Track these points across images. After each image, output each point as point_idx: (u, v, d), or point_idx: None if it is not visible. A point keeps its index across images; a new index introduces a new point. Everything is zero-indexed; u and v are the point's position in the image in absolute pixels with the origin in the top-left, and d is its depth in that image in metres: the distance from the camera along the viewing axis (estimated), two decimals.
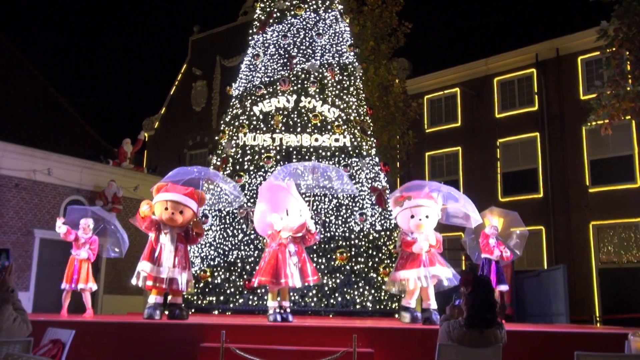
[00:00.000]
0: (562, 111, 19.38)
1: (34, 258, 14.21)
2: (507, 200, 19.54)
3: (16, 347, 3.76)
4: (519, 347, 6.34)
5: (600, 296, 17.55)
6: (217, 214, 12.54)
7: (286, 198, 8.34)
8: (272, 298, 8.36)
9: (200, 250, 12.31)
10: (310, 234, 8.47)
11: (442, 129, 22.27)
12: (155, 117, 28.28)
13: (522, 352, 6.32)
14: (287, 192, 8.41)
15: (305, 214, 8.37)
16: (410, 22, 19.98)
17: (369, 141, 13.44)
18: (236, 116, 13.48)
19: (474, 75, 21.73)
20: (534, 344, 6.91)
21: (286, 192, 8.41)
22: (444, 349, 4.84)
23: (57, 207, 14.80)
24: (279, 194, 8.41)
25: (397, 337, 7.07)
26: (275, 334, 7.18)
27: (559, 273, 12.68)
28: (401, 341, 6.98)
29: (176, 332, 7.21)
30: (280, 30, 13.88)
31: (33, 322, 4.75)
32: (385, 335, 7.06)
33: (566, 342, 6.94)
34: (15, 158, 14.01)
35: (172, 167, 26.43)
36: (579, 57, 19.31)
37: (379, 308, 11.79)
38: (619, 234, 17.69)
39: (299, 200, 8.44)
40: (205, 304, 11.72)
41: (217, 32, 27.09)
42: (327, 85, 13.45)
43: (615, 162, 17.99)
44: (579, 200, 18.50)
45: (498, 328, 4.84)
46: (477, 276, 5.20)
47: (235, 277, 11.81)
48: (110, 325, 7.52)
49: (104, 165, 16.02)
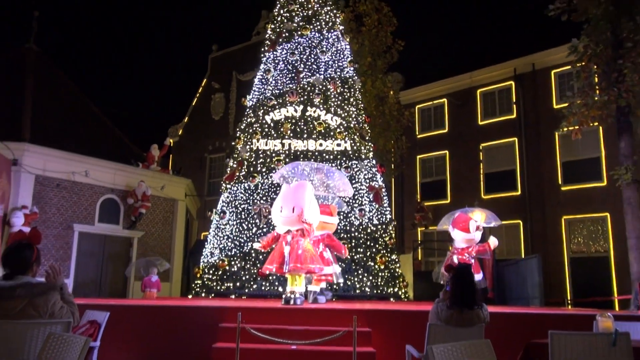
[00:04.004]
0: (538, 119, 19.33)
1: (74, 249, 14.24)
2: (489, 197, 19.50)
3: (58, 327, 3.76)
4: (500, 326, 6.32)
5: (571, 282, 17.50)
6: (234, 210, 12.56)
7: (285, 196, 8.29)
8: (290, 284, 8.31)
9: (219, 242, 12.33)
10: (307, 229, 8.25)
11: (432, 134, 22.23)
12: (179, 125, 28.34)
13: (502, 331, 6.30)
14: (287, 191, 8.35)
15: (297, 211, 8.13)
16: (403, 41, 20.03)
17: (367, 146, 13.44)
18: (250, 124, 13.50)
19: (459, 87, 21.70)
20: (513, 324, 6.89)
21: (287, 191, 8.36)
22: (434, 328, 4.84)
23: (94, 204, 14.83)
24: (282, 194, 8.40)
25: (392, 318, 7.07)
26: (285, 316, 7.17)
27: (535, 261, 12.64)
28: (396, 321, 6.97)
29: (199, 313, 7.22)
30: (288, 48, 13.90)
31: None
32: (381, 316, 7.04)
33: (541, 322, 6.93)
34: (57, 162, 14.05)
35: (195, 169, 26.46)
36: (553, 70, 19.25)
37: (376, 292, 11.80)
38: (588, 227, 17.63)
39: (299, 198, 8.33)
40: (223, 289, 11.75)
41: (233, 51, 27.13)
42: (330, 97, 13.46)
43: (585, 164, 17.92)
44: (552, 197, 18.45)
45: (480, 309, 4.84)
46: (459, 265, 5.24)
47: (250, 265, 11.83)
48: (140, 307, 7.54)
49: (135, 168, 16.04)
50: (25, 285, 3.73)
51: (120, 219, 15.45)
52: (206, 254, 12.54)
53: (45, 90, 16.48)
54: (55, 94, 17.03)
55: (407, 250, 19.62)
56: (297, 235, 8.24)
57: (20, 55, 17.21)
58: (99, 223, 14.93)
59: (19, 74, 16.36)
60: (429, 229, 21.22)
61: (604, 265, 16.82)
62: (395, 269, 12.38)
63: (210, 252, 12.44)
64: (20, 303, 3.67)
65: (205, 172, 25.98)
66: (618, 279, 16.31)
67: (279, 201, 8.33)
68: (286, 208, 8.17)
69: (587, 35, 11.89)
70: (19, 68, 16.61)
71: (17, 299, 3.67)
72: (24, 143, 13.51)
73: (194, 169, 24.74)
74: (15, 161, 13.21)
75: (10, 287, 3.70)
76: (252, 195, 12.54)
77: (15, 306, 3.66)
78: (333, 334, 5.97)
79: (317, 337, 6.07)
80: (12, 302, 3.66)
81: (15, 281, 3.76)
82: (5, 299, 3.65)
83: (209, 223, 13.22)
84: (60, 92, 17.39)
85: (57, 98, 16.94)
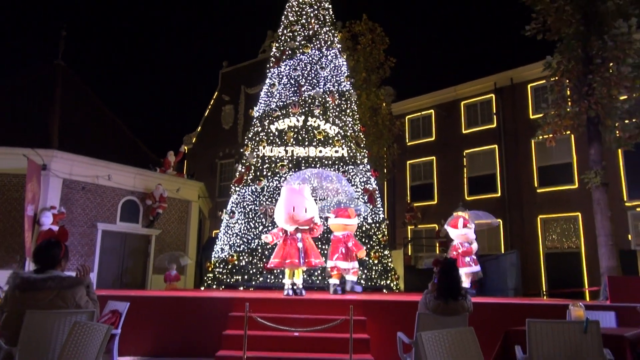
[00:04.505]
0: (516, 128, 19.34)
1: (97, 246, 14.21)
2: (472, 199, 19.49)
3: (82, 316, 3.76)
4: (482, 315, 6.32)
5: (546, 275, 17.48)
6: (242, 210, 12.55)
7: (296, 198, 8.33)
8: (288, 277, 8.35)
9: (229, 239, 12.31)
10: (316, 227, 8.45)
11: (420, 142, 22.23)
12: (193, 134, 28.34)
13: (484, 319, 6.29)
14: (297, 194, 8.40)
15: (311, 212, 8.35)
16: (394, 58, 20.06)
17: (362, 152, 13.43)
18: (257, 133, 13.49)
19: (445, 99, 21.71)
20: (494, 313, 6.88)
21: (297, 193, 8.41)
22: (422, 317, 4.83)
23: (115, 205, 14.81)
24: (291, 195, 8.41)
25: (385, 308, 7.05)
26: (288, 306, 7.16)
27: (513, 256, 12.62)
28: (388, 311, 6.95)
29: (210, 304, 7.20)
30: (291, 64, 13.91)
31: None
32: (375, 306, 7.03)
33: (519, 311, 6.92)
34: (83, 167, 14.04)
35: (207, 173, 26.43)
36: (529, 84, 19.27)
37: (371, 284, 11.77)
38: (561, 225, 17.62)
39: (308, 199, 8.41)
40: (233, 282, 11.72)
41: (242, 66, 27.14)
42: (328, 108, 13.46)
43: (558, 168, 17.92)
44: (529, 198, 18.45)
45: (464, 300, 4.83)
46: (445, 259, 5.21)
47: (257, 260, 11.80)
48: (157, 298, 7.52)
49: (153, 172, 16.02)
50: (55, 278, 3.74)
51: (140, 218, 15.43)
52: (217, 249, 12.52)
53: (71, 102, 16.48)
54: (81, 105, 17.03)
55: (398, 247, 19.59)
56: (307, 232, 8.34)
57: (49, 70, 17.22)
58: (120, 222, 14.91)
59: (48, 88, 16.38)
60: (417, 227, 21.23)
61: (576, 260, 16.81)
62: (388, 263, 12.36)
63: (220, 248, 12.42)
64: (50, 294, 3.68)
65: (217, 176, 25.96)
66: (588, 272, 16.29)
67: (290, 201, 8.32)
68: (299, 209, 8.20)
69: (560, 52, 11.90)
70: (48, 82, 16.62)
71: (48, 290, 3.68)
72: (53, 150, 13.51)
73: (206, 174, 24.73)
74: (44, 166, 13.21)
75: (42, 279, 3.71)
76: (259, 197, 12.53)
77: (45, 297, 3.66)
78: (331, 322, 5.96)
79: (317, 325, 6.06)
80: (43, 293, 3.66)
81: (46, 274, 3.76)
82: (37, 290, 3.66)
83: (220, 222, 13.20)
84: (85, 103, 17.39)
85: (83, 109, 16.95)
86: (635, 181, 15.93)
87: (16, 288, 3.66)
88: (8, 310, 3.65)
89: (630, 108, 11.04)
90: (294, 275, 8.36)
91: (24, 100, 15.72)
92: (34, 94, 16.10)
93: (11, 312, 3.63)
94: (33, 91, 16.22)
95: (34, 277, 3.72)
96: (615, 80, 10.83)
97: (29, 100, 15.73)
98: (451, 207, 11.99)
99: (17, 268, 12.35)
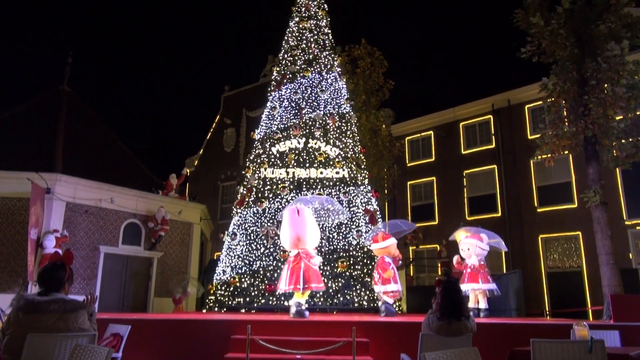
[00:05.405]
0: (514, 148, 19.40)
1: (99, 268, 14.12)
2: (473, 218, 19.41)
3: (83, 339, 3.72)
4: (486, 335, 6.23)
5: (549, 294, 17.30)
6: (244, 232, 12.51)
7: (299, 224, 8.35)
8: (304, 296, 8.34)
9: (231, 261, 12.24)
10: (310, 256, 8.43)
11: (420, 163, 22.27)
12: (195, 156, 28.44)
13: (488, 339, 6.21)
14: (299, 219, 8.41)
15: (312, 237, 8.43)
16: (393, 81, 20.23)
17: (362, 173, 13.45)
18: (258, 155, 13.54)
19: (444, 120, 21.84)
20: (498, 333, 6.80)
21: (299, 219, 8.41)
22: (426, 338, 4.76)
23: (118, 228, 14.78)
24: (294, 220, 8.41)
25: (388, 329, 6.97)
26: (290, 328, 7.08)
27: (516, 276, 12.52)
28: (391, 332, 6.87)
29: (212, 326, 7.13)
30: (292, 88, 14.04)
31: (97, 320, 4.70)
32: (378, 327, 6.95)
33: (523, 331, 6.83)
34: (86, 190, 14.06)
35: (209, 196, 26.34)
36: (526, 105, 19.40)
37: (373, 306, 11.64)
38: (562, 244, 17.52)
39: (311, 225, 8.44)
40: (234, 304, 11.61)
41: (243, 90, 27.38)
42: (329, 130, 13.53)
43: (557, 188, 17.91)
44: (529, 218, 18.39)
45: (468, 320, 4.76)
46: (448, 279, 5.10)
47: (259, 282, 11.71)
48: (159, 321, 7.45)
49: (155, 195, 16.02)
50: (59, 301, 3.71)
51: (142, 240, 15.37)
52: (219, 271, 12.43)
53: (75, 126, 16.60)
54: (85, 129, 17.15)
55: (400, 267, 19.44)
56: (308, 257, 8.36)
57: (54, 95, 17.40)
58: (122, 245, 14.85)
59: (53, 112, 16.52)
60: (419, 247, 21.10)
61: (578, 279, 16.66)
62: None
63: (222, 270, 12.34)
64: (53, 317, 3.64)
65: (218, 198, 25.95)
66: (591, 291, 16.12)
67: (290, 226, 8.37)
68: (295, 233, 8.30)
69: (555, 74, 12.01)
70: (53, 107, 16.78)
71: (51, 313, 3.64)
72: (56, 174, 13.54)
73: (208, 196, 24.71)
74: (48, 190, 13.22)
75: (46, 301, 3.68)
76: (260, 219, 12.50)
77: (48, 319, 3.63)
78: (334, 344, 5.88)
79: (319, 347, 5.98)
80: (46, 316, 3.63)
81: (50, 297, 3.74)
82: (41, 312, 3.63)
83: (221, 244, 13.14)
84: (88, 128, 17.51)
85: (86, 133, 17.05)
86: (634, 200, 15.91)
87: (20, 310, 3.63)
88: (10, 333, 3.61)
89: (626, 128, 11.08)
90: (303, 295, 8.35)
91: (29, 125, 15.85)
92: (38, 119, 16.23)
93: (13, 335, 3.59)
94: (38, 116, 16.36)
95: (38, 299, 3.69)
96: (611, 100, 10.91)
97: (34, 125, 15.86)
98: (452, 227, 11.91)
99: (20, 291, 12.25)
